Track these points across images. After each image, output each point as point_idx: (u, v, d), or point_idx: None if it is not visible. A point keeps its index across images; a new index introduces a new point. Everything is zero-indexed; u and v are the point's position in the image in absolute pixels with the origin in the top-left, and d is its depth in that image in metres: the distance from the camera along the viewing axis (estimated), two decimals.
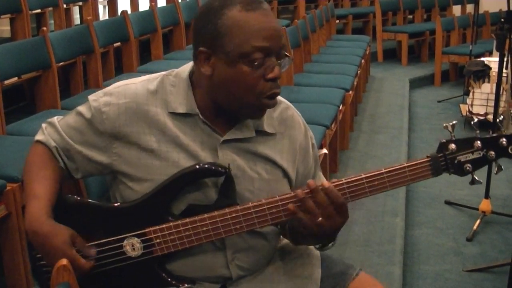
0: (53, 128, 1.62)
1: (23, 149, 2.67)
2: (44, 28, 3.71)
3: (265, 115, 1.58)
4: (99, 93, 1.60)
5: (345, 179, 1.52)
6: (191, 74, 1.57)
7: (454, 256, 3.37)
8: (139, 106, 1.54)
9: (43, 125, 1.65)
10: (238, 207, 1.51)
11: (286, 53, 1.51)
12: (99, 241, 1.54)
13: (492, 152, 1.53)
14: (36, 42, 3.63)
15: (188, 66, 1.59)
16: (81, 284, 1.50)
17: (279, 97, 1.58)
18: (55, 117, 1.65)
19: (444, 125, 1.53)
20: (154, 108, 1.54)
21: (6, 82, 3.88)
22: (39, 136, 1.63)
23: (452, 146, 1.51)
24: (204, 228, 1.51)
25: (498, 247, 3.47)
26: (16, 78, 3.99)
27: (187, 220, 1.51)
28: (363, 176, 1.52)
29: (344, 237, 3.40)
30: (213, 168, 1.52)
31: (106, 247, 1.54)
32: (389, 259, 3.13)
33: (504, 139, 1.51)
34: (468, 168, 1.53)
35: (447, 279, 3.13)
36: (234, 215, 1.50)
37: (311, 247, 1.73)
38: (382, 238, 3.38)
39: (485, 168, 3.75)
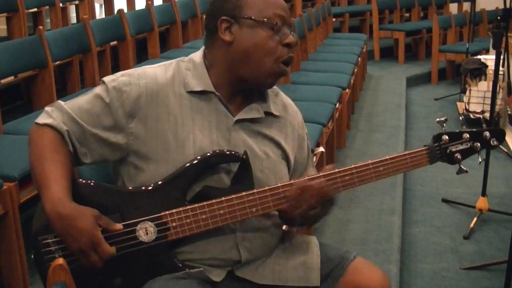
0: (61, 111, 1.59)
1: (20, 148, 2.69)
2: (41, 27, 3.70)
3: (270, 100, 1.71)
4: (117, 74, 1.62)
5: (354, 165, 1.67)
6: (205, 57, 1.66)
7: (451, 254, 3.38)
8: (160, 88, 1.60)
9: (48, 108, 1.61)
10: (255, 191, 1.57)
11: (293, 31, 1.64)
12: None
13: (478, 144, 1.72)
14: (33, 41, 3.62)
15: (200, 51, 1.69)
16: (93, 270, 1.49)
17: (277, 88, 1.76)
18: (59, 101, 1.63)
19: (437, 120, 1.73)
20: (173, 91, 1.61)
21: (3, 81, 3.88)
22: (46, 119, 1.58)
23: (445, 137, 1.70)
24: (222, 211, 1.55)
25: (495, 245, 3.48)
26: (12, 77, 3.99)
27: (205, 203, 1.55)
28: (370, 162, 1.67)
29: (341, 236, 3.40)
30: (232, 153, 1.59)
31: (119, 232, 1.52)
32: (386, 258, 3.13)
33: (487, 133, 1.72)
34: (458, 157, 1.72)
35: (444, 277, 3.14)
36: (251, 197, 1.57)
37: (308, 236, 1.83)
38: (379, 237, 3.38)
39: (482, 166, 3.77)
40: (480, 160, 1.76)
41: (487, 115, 5.29)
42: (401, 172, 1.70)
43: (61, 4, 5.55)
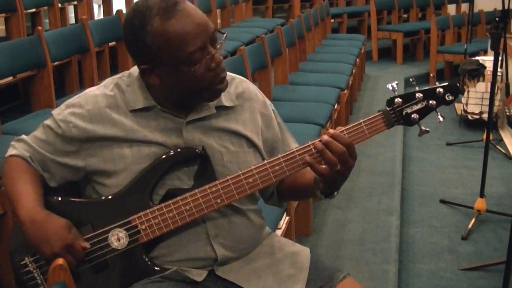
0: (23, 143, 1.69)
1: None
2: (39, 27, 3.69)
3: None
4: (61, 106, 1.68)
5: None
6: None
7: (449, 255, 3.38)
8: (101, 110, 1.62)
9: (12, 142, 1.72)
10: (217, 182, 1.58)
11: (219, 31, 1.58)
12: (84, 237, 1.58)
13: (433, 101, 1.66)
14: (31, 41, 3.62)
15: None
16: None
17: (231, 74, 1.74)
18: (23, 135, 1.71)
19: (387, 85, 1.70)
20: (116, 110, 1.62)
21: (1, 81, 3.88)
22: (11, 152, 1.69)
23: (398, 100, 1.66)
24: (187, 207, 1.57)
25: (493, 246, 3.48)
26: (11, 78, 3.99)
27: (170, 202, 1.58)
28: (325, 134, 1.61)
29: (339, 236, 3.41)
30: (189, 151, 1.61)
31: (91, 241, 1.58)
32: (384, 258, 3.14)
33: (440, 89, 1.66)
34: (414, 117, 1.66)
35: (442, 277, 3.14)
36: (214, 189, 1.58)
37: (301, 247, 1.80)
38: (377, 237, 3.39)
39: (480, 168, 3.77)
40: (440, 118, 1.68)
41: (485, 116, 5.30)
42: (362, 141, 1.65)
43: (59, 5, 5.54)
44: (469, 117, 5.68)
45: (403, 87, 7.19)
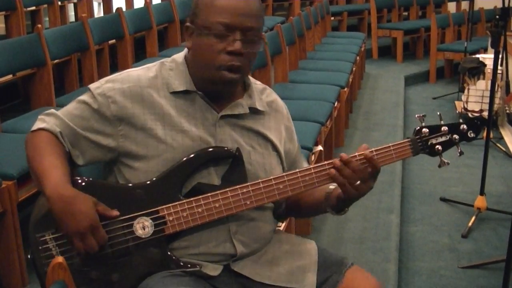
0: (54, 117, 1.64)
1: (18, 147, 2.67)
2: (39, 26, 3.69)
3: (256, 96, 1.75)
4: (101, 81, 1.67)
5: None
6: (186, 57, 1.70)
7: (449, 253, 3.38)
8: (143, 89, 1.64)
9: (41, 116, 1.66)
10: (249, 183, 1.62)
11: (258, 35, 1.64)
12: (108, 221, 1.55)
13: (456, 136, 1.78)
14: (31, 40, 3.61)
15: (184, 51, 1.73)
16: (90, 266, 1.52)
17: (263, 84, 1.83)
18: (52, 109, 1.67)
19: (416, 115, 1.81)
20: (157, 91, 1.65)
21: (1, 79, 3.88)
22: (40, 125, 1.63)
23: (426, 130, 1.76)
24: (217, 204, 1.59)
25: (493, 244, 3.48)
26: (10, 76, 4.00)
27: (200, 197, 1.59)
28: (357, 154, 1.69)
29: (339, 234, 3.41)
30: (225, 150, 1.64)
31: (116, 226, 1.55)
32: (384, 256, 3.14)
33: (464, 126, 1.78)
34: (438, 148, 1.76)
35: (442, 275, 3.14)
36: (244, 190, 1.61)
37: (307, 240, 1.85)
38: (377, 235, 3.39)
39: (480, 166, 3.78)
40: (459, 152, 1.80)
41: (485, 114, 5.30)
42: (388, 163, 1.74)
43: (59, 3, 5.55)
44: (469, 115, 5.68)
45: (404, 86, 7.21)
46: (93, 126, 1.62)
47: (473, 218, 3.68)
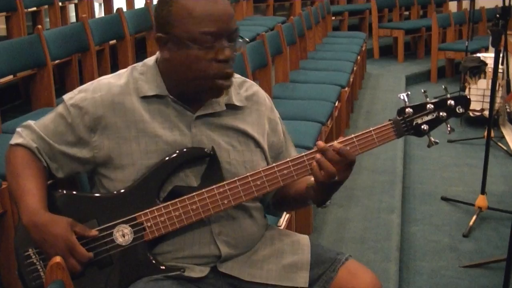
0: (30, 130, 1.67)
1: None
2: (40, 26, 3.69)
3: (233, 91, 1.71)
4: (75, 91, 1.69)
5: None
6: (158, 61, 1.67)
7: (450, 252, 3.38)
8: (114, 97, 1.63)
9: (18, 129, 1.69)
10: (225, 182, 1.59)
11: (239, 36, 1.60)
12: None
13: (443, 113, 1.68)
14: (32, 40, 3.61)
15: (155, 55, 1.70)
16: (77, 278, 1.53)
17: (242, 77, 1.78)
18: (29, 121, 1.69)
19: (399, 95, 1.72)
20: (128, 97, 1.63)
21: (1, 80, 3.88)
22: (17, 140, 1.66)
23: (409, 110, 1.67)
24: (194, 206, 1.58)
25: (494, 243, 3.48)
26: (11, 76, 4.00)
27: (177, 200, 1.58)
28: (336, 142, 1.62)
29: (340, 234, 3.40)
30: (199, 150, 1.62)
31: (97, 237, 1.57)
32: (385, 256, 3.14)
33: (451, 101, 1.67)
34: (425, 128, 1.68)
35: (443, 275, 3.14)
36: (221, 190, 1.59)
37: (299, 235, 1.82)
38: (378, 235, 3.39)
39: (481, 164, 3.77)
40: (449, 129, 1.70)
41: (486, 113, 5.29)
42: (371, 149, 1.67)
43: (60, 3, 5.55)
44: (470, 114, 5.67)
45: (405, 85, 7.20)
46: (68, 139, 1.63)
47: (474, 218, 3.68)
